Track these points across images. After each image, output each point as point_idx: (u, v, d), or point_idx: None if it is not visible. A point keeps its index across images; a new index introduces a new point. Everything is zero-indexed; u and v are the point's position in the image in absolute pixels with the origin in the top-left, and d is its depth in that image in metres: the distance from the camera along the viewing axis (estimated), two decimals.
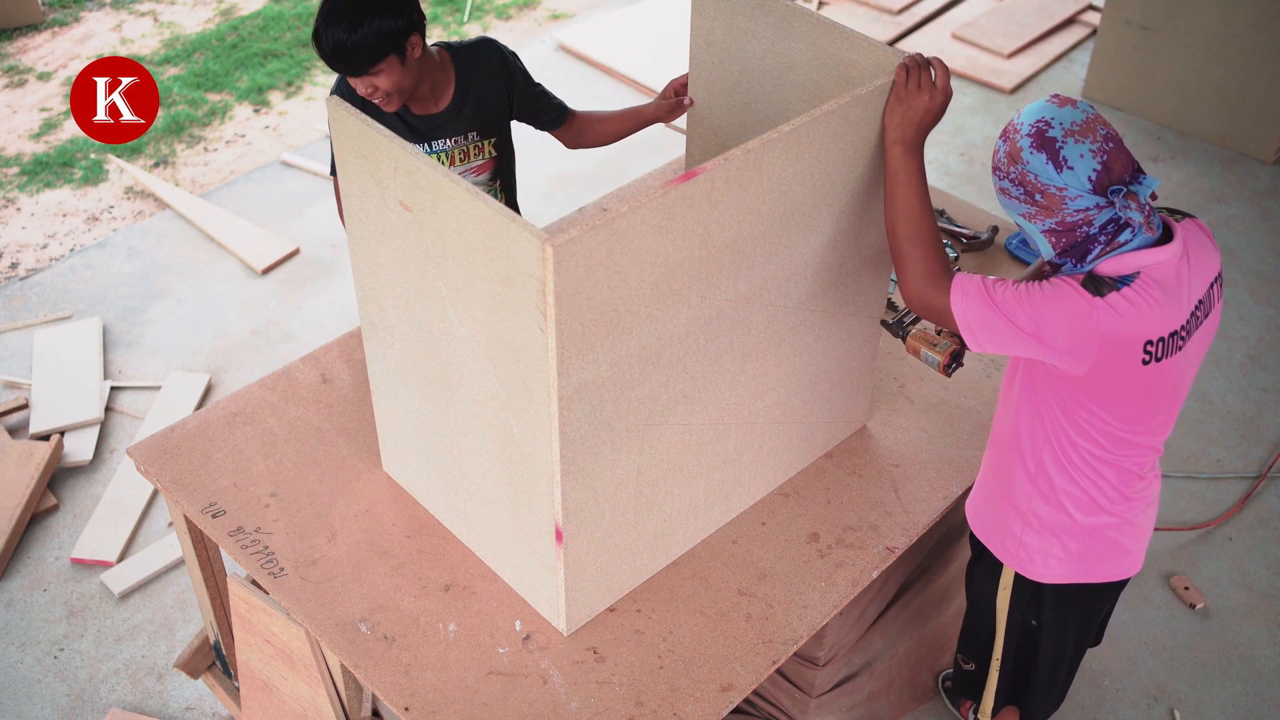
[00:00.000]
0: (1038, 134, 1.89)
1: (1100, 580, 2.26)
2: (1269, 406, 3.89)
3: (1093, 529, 2.17)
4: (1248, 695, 3.07)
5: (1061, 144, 1.87)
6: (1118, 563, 2.24)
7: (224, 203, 4.76)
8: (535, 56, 5.75)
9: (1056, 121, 1.88)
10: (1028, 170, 1.90)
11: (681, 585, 2.20)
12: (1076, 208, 1.88)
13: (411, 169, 1.81)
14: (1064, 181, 1.87)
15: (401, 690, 2.01)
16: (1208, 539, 3.46)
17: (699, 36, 2.53)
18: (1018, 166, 1.91)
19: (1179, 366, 1.98)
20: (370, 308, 2.15)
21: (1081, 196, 1.87)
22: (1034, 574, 2.26)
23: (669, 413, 2.00)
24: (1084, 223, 1.89)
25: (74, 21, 6.00)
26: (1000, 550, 2.30)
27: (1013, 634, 2.40)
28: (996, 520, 2.28)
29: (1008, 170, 1.93)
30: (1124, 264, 1.90)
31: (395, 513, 2.33)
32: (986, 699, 2.56)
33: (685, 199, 1.78)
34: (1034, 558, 2.24)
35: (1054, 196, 1.89)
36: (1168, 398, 2.02)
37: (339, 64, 2.36)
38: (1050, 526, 2.18)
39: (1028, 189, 1.91)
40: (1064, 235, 1.92)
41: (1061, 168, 1.87)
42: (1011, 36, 5.80)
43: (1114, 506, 2.14)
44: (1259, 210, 4.79)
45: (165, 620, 3.20)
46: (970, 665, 2.57)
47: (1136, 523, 2.20)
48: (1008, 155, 1.93)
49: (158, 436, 2.46)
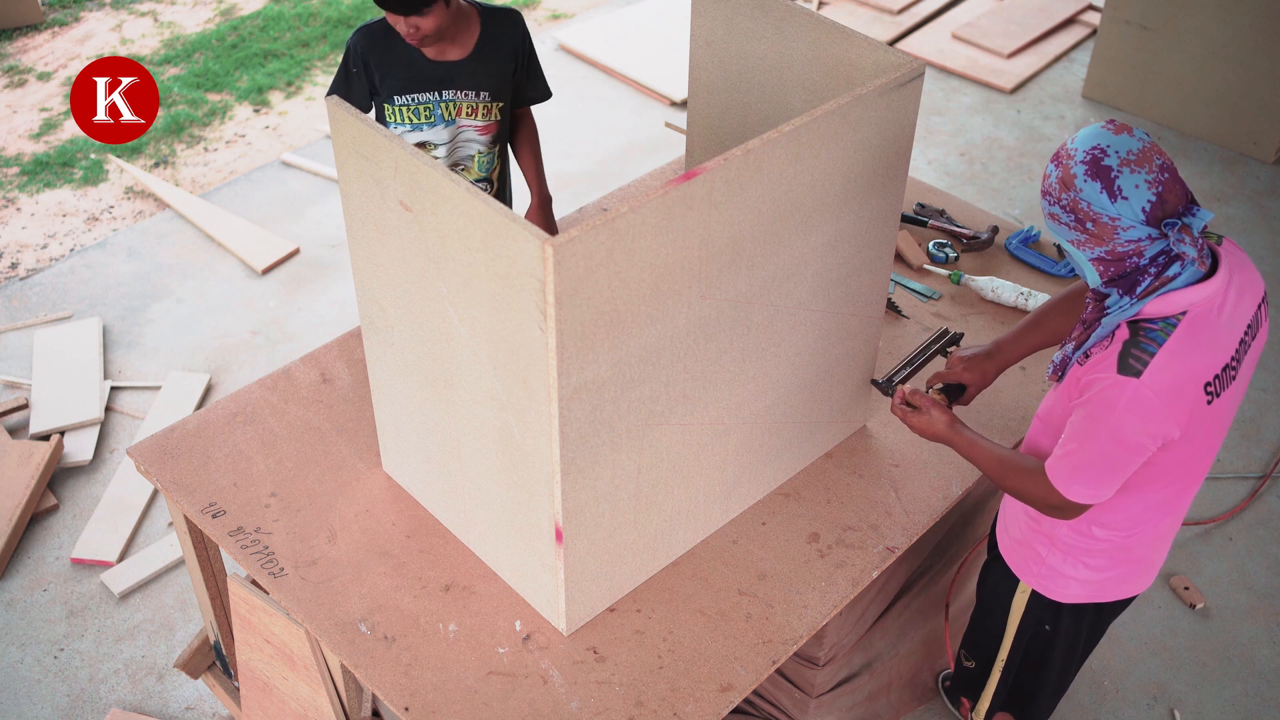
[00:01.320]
0: (1093, 161, 1.83)
1: (1119, 598, 2.26)
2: (1269, 406, 3.89)
3: (1121, 548, 2.16)
4: (1248, 695, 3.07)
5: (1117, 173, 1.81)
6: (1139, 579, 2.24)
7: (224, 203, 4.76)
8: None
9: (1113, 149, 1.83)
10: (1080, 198, 1.84)
11: (681, 585, 2.20)
12: (1128, 238, 1.83)
13: (411, 169, 1.81)
14: (1117, 211, 1.82)
15: (401, 690, 2.01)
16: (1208, 539, 3.46)
17: (699, 36, 2.53)
18: (1070, 193, 1.85)
19: (1233, 394, 1.97)
20: (370, 308, 2.15)
21: (1134, 227, 1.82)
22: (1053, 594, 2.25)
23: (669, 413, 2.00)
24: (1135, 253, 1.85)
25: (74, 21, 6.00)
26: (1021, 568, 2.29)
27: (1020, 642, 2.40)
28: (1021, 538, 2.27)
29: (1059, 196, 1.87)
30: (1170, 303, 1.87)
31: (395, 513, 2.33)
32: (984, 700, 2.56)
33: (685, 199, 1.78)
34: (1055, 578, 2.23)
35: (1106, 226, 1.84)
36: (1216, 434, 2.01)
37: (394, 3, 2.53)
38: (1077, 550, 2.18)
39: (1079, 216, 1.86)
40: (1113, 265, 1.88)
41: (1116, 197, 1.81)
42: (1011, 36, 5.80)
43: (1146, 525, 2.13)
44: (1259, 210, 4.79)
45: (165, 620, 3.20)
46: (971, 663, 2.57)
47: (1165, 540, 2.20)
48: (1060, 181, 1.87)
49: (158, 436, 2.46)
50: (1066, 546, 2.18)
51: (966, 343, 2.74)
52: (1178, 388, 1.85)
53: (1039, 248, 3.03)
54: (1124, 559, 2.18)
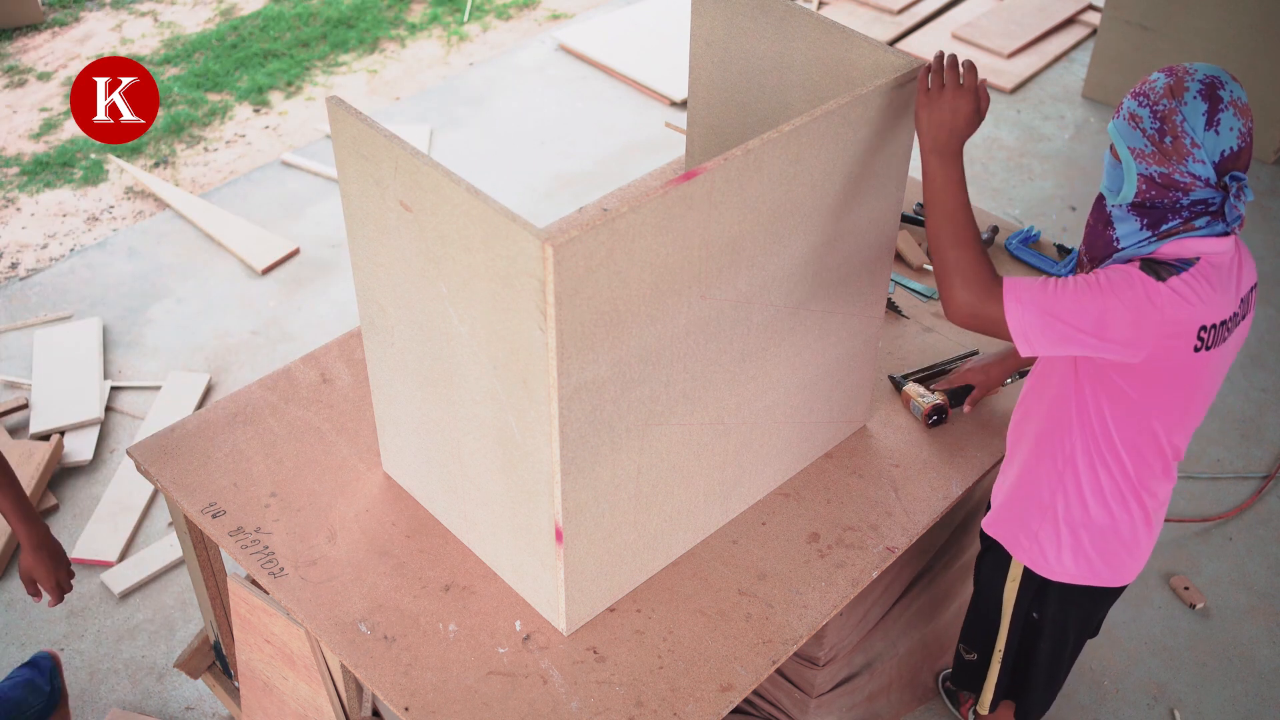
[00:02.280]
0: (1210, 86, 1.84)
1: (1106, 585, 2.27)
2: (1269, 406, 3.89)
3: (1110, 526, 2.17)
4: (1248, 695, 3.07)
5: (1225, 107, 1.83)
6: (1125, 566, 2.24)
7: (224, 203, 4.76)
8: (535, 56, 5.75)
9: (1229, 87, 1.85)
10: (1180, 109, 1.84)
11: (681, 585, 2.20)
12: (1192, 171, 1.84)
13: (412, 169, 1.81)
14: (1203, 140, 1.83)
15: (401, 690, 2.01)
16: (1208, 540, 3.46)
17: (699, 36, 2.53)
18: (1173, 101, 1.85)
19: (1219, 359, 1.97)
20: (370, 308, 2.15)
21: (1204, 164, 1.84)
22: (1044, 570, 2.26)
23: (669, 413, 2.00)
24: (1184, 189, 1.86)
25: (74, 21, 6.00)
26: (1013, 545, 2.30)
27: (1016, 626, 2.40)
28: (1014, 516, 2.27)
29: (1157, 99, 1.86)
30: (1185, 248, 1.88)
31: (395, 513, 2.33)
32: (986, 690, 2.56)
33: (685, 199, 1.78)
34: (1047, 553, 2.24)
35: (1184, 148, 1.84)
36: (1204, 392, 2.02)
37: None
38: (1069, 522, 2.18)
39: (1164, 127, 1.85)
40: (1157, 189, 1.88)
41: (1211, 126, 1.83)
42: (1011, 36, 5.80)
43: (1135, 503, 2.14)
44: (1259, 210, 4.79)
45: (165, 620, 3.20)
46: (972, 655, 2.57)
47: (1151, 524, 2.20)
48: (1168, 88, 1.86)
49: (158, 436, 2.46)
50: (1061, 521, 2.19)
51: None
52: (1180, 315, 1.86)
53: (1039, 248, 3.04)
54: (1115, 538, 2.18)
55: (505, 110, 5.35)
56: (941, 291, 1.99)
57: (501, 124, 5.26)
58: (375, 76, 5.61)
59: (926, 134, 1.99)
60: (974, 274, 1.94)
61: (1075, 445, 2.10)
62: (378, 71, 5.65)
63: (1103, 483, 2.12)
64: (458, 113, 5.33)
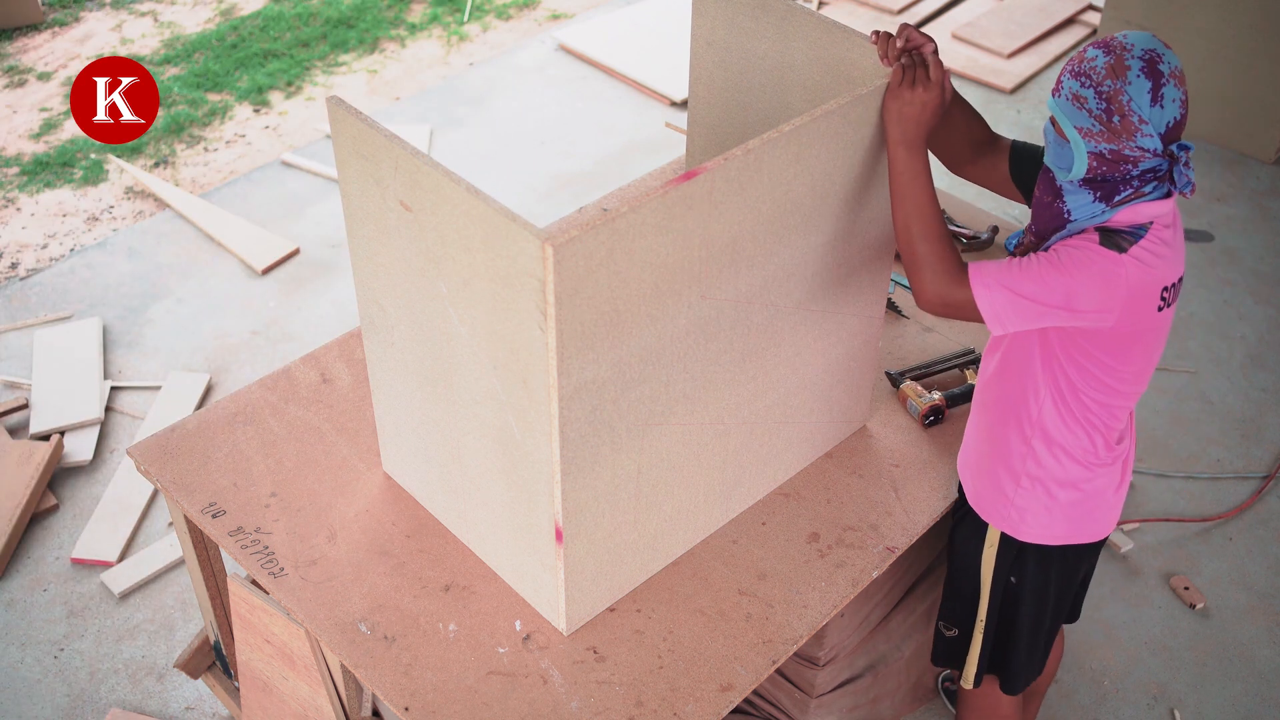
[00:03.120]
0: (1150, 62, 1.86)
1: (1082, 541, 2.27)
2: (1269, 406, 3.89)
3: (1084, 482, 2.18)
4: (1248, 695, 3.07)
5: (1166, 81, 1.86)
6: (1099, 520, 2.25)
7: (224, 203, 4.76)
8: (535, 56, 5.75)
9: (1166, 59, 1.87)
10: (1125, 89, 1.86)
11: (681, 585, 2.20)
12: (1141, 145, 1.87)
13: (412, 169, 1.81)
14: (1149, 116, 1.86)
15: (401, 690, 2.01)
16: (1208, 540, 3.46)
17: (699, 36, 2.53)
18: (1117, 82, 1.86)
19: (1172, 313, 2.03)
20: (370, 308, 2.15)
21: (1152, 137, 1.87)
22: (1021, 533, 2.25)
23: (669, 413, 2.00)
24: (1134, 161, 1.89)
25: (74, 21, 6.00)
26: (989, 511, 2.28)
27: (997, 594, 2.39)
28: (986, 480, 2.27)
29: (1100, 81, 1.88)
30: (1138, 214, 1.92)
31: (395, 513, 2.33)
32: (970, 663, 2.52)
33: (685, 199, 1.78)
34: (1024, 517, 2.23)
35: (1131, 125, 1.87)
36: (1160, 347, 2.07)
37: None
38: (1042, 481, 2.19)
39: (1111, 107, 1.87)
40: (1108, 164, 1.91)
41: (1156, 102, 1.85)
42: (1011, 36, 5.80)
43: (1107, 456, 2.17)
44: (1259, 210, 4.79)
45: (165, 620, 3.20)
46: (953, 631, 2.53)
47: (1121, 478, 2.22)
48: (1109, 68, 1.87)
49: (158, 436, 2.46)
50: (1033, 480, 2.19)
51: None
52: (1145, 281, 1.91)
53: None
54: (1085, 495, 2.19)
55: (505, 110, 5.35)
56: (912, 282, 2.04)
57: (501, 124, 5.26)
58: (375, 76, 5.61)
59: (895, 126, 2.02)
60: (942, 264, 2.00)
61: (1043, 406, 2.12)
62: (378, 71, 5.65)
63: (1073, 441, 2.13)
64: (458, 113, 5.33)
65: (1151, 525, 3.48)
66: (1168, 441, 3.75)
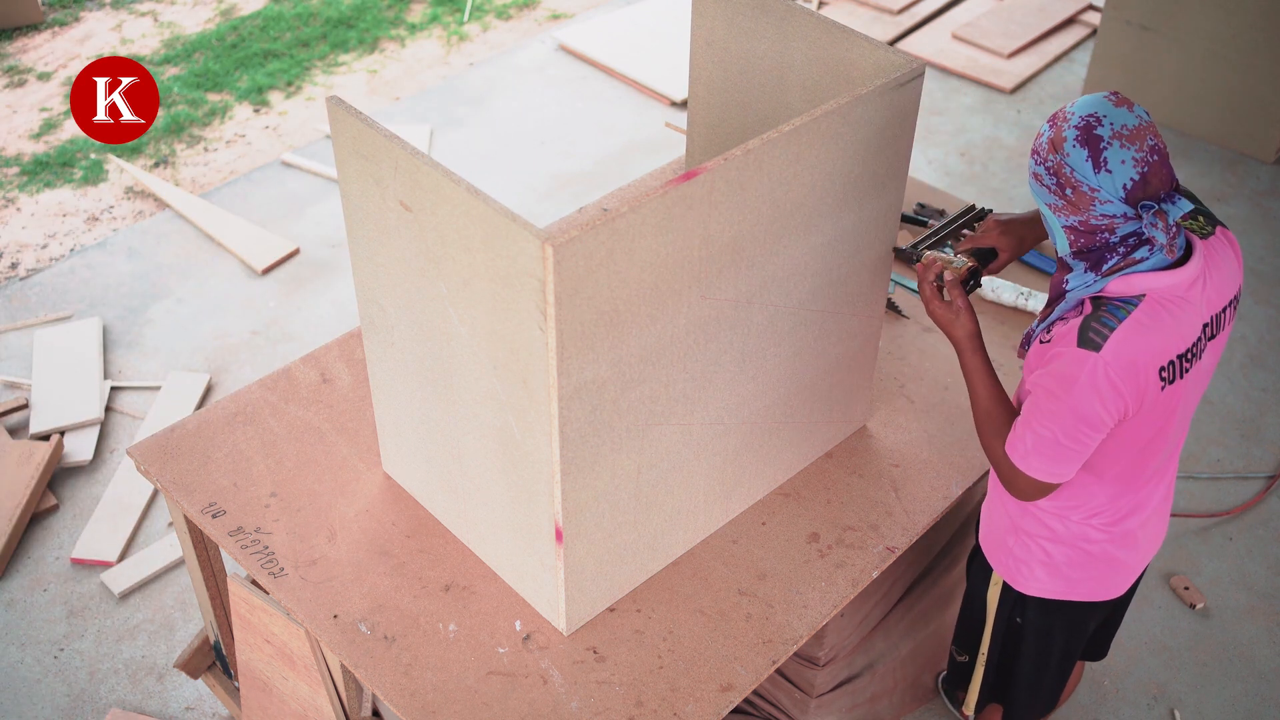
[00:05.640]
0: (1086, 128, 1.83)
1: (1081, 599, 2.25)
2: (1269, 406, 3.89)
3: (1083, 542, 2.16)
4: (1248, 695, 3.07)
5: (1107, 145, 1.82)
6: (1103, 582, 2.23)
7: (224, 203, 4.76)
8: (535, 56, 5.75)
9: (1108, 120, 1.83)
10: (1065, 162, 1.85)
11: (681, 585, 2.20)
12: (1103, 212, 1.84)
13: (412, 169, 1.81)
14: (1098, 183, 1.83)
15: (401, 690, 2.01)
16: (1208, 540, 3.46)
17: (699, 36, 2.53)
18: (1056, 156, 1.86)
19: (1191, 385, 1.97)
20: (370, 308, 2.15)
21: (1111, 203, 1.83)
22: (1018, 584, 2.26)
23: (669, 413, 2.00)
24: (1107, 229, 1.86)
25: (74, 21, 6.00)
26: (993, 556, 2.30)
27: (999, 630, 2.40)
28: (992, 527, 2.28)
29: (1045, 156, 1.88)
30: (1131, 285, 1.88)
31: (395, 513, 2.33)
32: (972, 691, 2.55)
33: (685, 199, 1.78)
34: (1020, 568, 2.24)
35: (1085, 195, 1.84)
36: (1181, 415, 2.01)
37: None
38: (1035, 538, 2.18)
39: (1060, 181, 1.86)
40: (1084, 236, 1.89)
41: (1100, 169, 1.82)
42: (1011, 36, 5.80)
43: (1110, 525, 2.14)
44: (1259, 210, 4.79)
45: (165, 620, 3.20)
46: (963, 657, 2.56)
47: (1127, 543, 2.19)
48: (1050, 141, 1.87)
49: (158, 436, 2.46)
50: (1028, 535, 2.18)
51: None
52: (1133, 365, 1.87)
53: (1039, 248, 3.03)
54: (1086, 556, 2.18)
55: (505, 110, 5.35)
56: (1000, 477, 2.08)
57: (501, 124, 5.26)
58: (375, 76, 5.61)
59: (945, 328, 2.12)
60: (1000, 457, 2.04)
61: None
62: (378, 71, 5.65)
63: (1070, 509, 2.12)
64: (458, 113, 5.33)
65: None
66: None
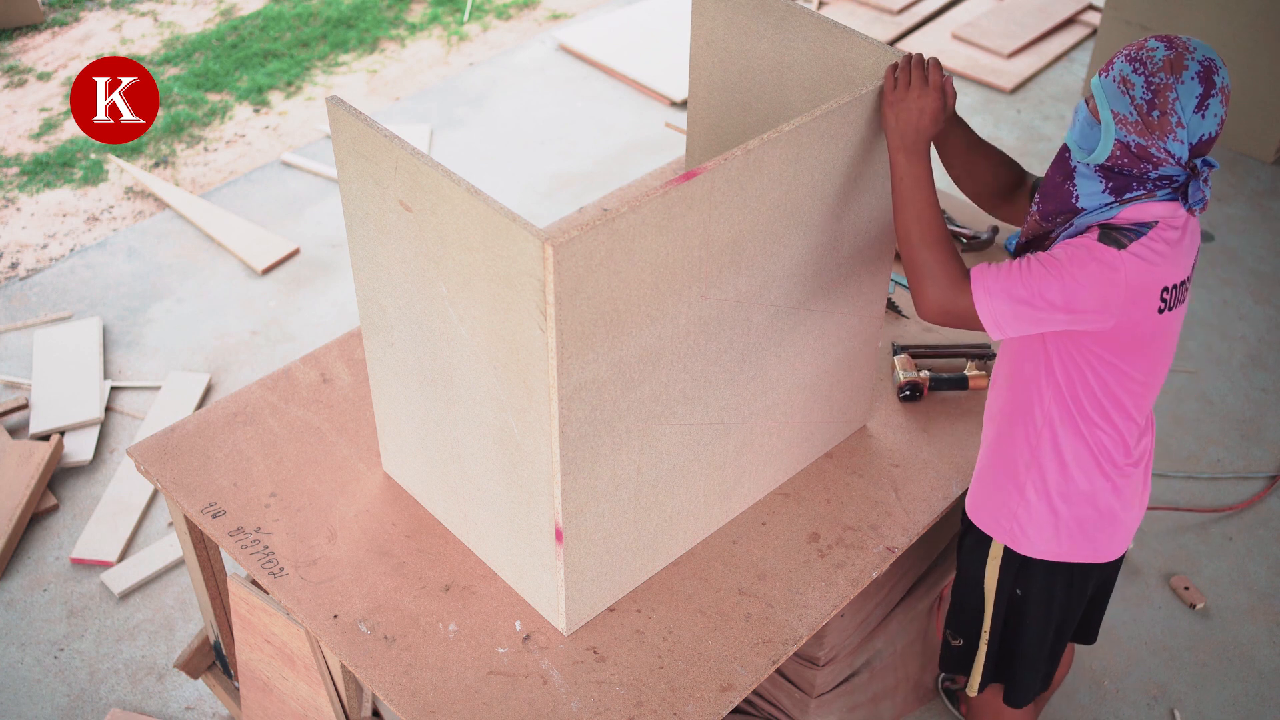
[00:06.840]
0: (1207, 70, 1.83)
1: (1088, 560, 2.25)
2: (1269, 406, 3.89)
3: (1088, 496, 2.16)
4: (1248, 695, 3.07)
5: (1215, 93, 1.84)
6: (1105, 540, 2.23)
7: (224, 203, 4.76)
8: (535, 56, 5.75)
9: (1222, 73, 1.85)
10: (1176, 87, 1.83)
11: (681, 585, 2.20)
12: (1169, 149, 1.86)
13: (411, 169, 1.81)
14: (1189, 122, 1.84)
15: (401, 690, 2.01)
16: (1208, 540, 3.46)
17: (699, 36, 2.53)
18: (1170, 77, 1.84)
19: (1177, 319, 2.01)
20: (370, 308, 2.15)
21: (1183, 144, 1.85)
22: (1023, 548, 2.24)
23: (669, 413, 2.00)
24: (1156, 163, 1.87)
25: (74, 21, 6.00)
26: (991, 525, 2.28)
27: (1000, 606, 2.39)
28: (991, 495, 2.26)
29: (1153, 72, 1.85)
30: (1144, 212, 1.91)
31: (395, 513, 2.33)
32: (974, 673, 2.53)
33: (685, 199, 1.78)
34: (1026, 530, 2.22)
35: (1168, 126, 1.84)
36: (1167, 352, 2.05)
37: None
38: (1045, 496, 2.18)
39: (1154, 102, 1.84)
40: (1130, 159, 1.89)
41: (1201, 109, 1.83)
42: (1011, 36, 5.80)
43: (1112, 470, 2.15)
44: (1259, 210, 4.79)
45: (165, 620, 3.20)
46: (958, 641, 2.54)
47: (1127, 496, 2.20)
48: (1167, 62, 1.84)
49: (158, 436, 2.46)
50: (1039, 494, 2.18)
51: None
52: (1148, 273, 1.89)
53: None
54: (1094, 513, 2.18)
55: (505, 110, 5.35)
56: (913, 290, 2.02)
57: (501, 124, 5.26)
58: (375, 76, 5.61)
59: (894, 133, 2.01)
60: (943, 272, 1.97)
61: (1048, 415, 2.11)
62: (378, 71, 5.65)
63: (1077, 451, 2.12)
64: (457, 113, 5.33)
65: (1152, 526, 3.48)
66: (1167, 441, 3.74)
